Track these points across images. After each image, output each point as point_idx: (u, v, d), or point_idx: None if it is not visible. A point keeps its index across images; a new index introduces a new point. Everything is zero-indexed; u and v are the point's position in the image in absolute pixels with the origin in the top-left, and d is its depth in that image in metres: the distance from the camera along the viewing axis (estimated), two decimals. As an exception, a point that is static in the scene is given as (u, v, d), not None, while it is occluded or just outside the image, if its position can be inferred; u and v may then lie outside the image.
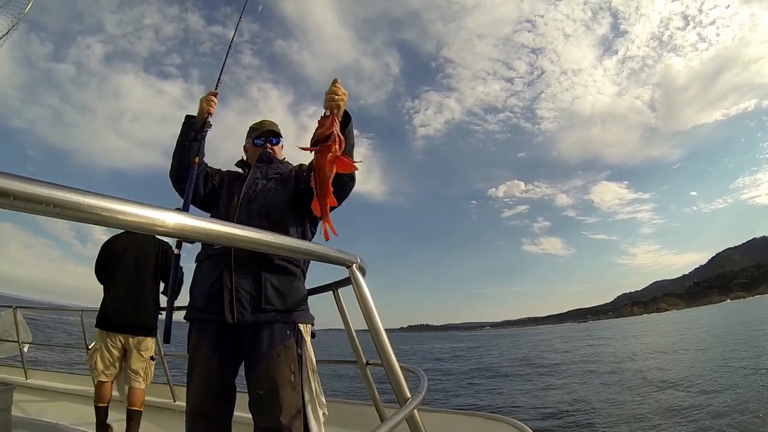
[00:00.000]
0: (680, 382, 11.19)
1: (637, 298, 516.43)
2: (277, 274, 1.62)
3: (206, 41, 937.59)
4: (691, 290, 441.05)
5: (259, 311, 1.57)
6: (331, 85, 1.48)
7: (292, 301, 1.61)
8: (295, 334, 1.58)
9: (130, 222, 0.63)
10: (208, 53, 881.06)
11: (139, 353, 3.23)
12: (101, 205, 0.60)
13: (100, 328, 3.22)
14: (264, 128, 2.00)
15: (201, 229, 0.66)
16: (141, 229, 0.64)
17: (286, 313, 1.59)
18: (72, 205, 0.57)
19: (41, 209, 0.55)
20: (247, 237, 0.71)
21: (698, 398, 9.17)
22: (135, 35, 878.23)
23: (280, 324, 1.57)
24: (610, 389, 11.49)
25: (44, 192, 0.54)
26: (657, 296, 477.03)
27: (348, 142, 1.50)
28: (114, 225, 0.62)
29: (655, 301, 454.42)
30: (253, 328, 1.56)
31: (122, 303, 3.22)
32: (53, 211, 0.56)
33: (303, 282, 1.71)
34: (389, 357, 1.19)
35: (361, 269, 1.19)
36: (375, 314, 1.18)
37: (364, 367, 1.73)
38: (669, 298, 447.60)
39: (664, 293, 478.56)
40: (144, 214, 0.64)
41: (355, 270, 1.16)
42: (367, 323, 1.18)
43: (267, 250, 0.77)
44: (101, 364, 3.16)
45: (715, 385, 10.29)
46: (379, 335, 1.18)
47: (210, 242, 1.15)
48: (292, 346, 1.55)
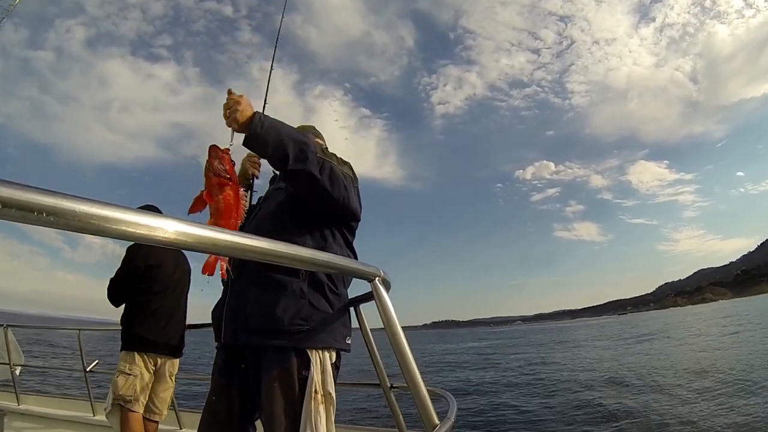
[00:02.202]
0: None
1: (681, 288, 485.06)
2: (261, 289, 1.39)
3: (199, 18, 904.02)
4: (738, 279, 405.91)
5: (247, 332, 1.38)
6: None
7: (289, 321, 1.35)
8: (300, 361, 1.34)
9: (130, 232, 0.57)
10: (202, 31, 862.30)
11: (171, 378, 2.91)
12: (99, 214, 0.55)
13: (138, 351, 2.77)
14: None
15: (204, 239, 0.60)
16: (141, 240, 0.59)
17: (283, 335, 1.35)
18: (66, 213, 0.52)
19: (32, 218, 0.50)
20: (253, 246, 0.64)
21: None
22: (119, 16, 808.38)
23: (275, 349, 1.35)
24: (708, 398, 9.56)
25: (34, 198, 0.50)
26: (702, 285, 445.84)
27: (266, 148, 1.34)
28: (113, 235, 0.57)
29: (699, 291, 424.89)
30: (252, 351, 1.41)
31: (168, 324, 2.87)
32: (45, 220, 0.51)
33: (312, 298, 1.40)
34: (415, 380, 1.09)
35: (385, 283, 1.10)
36: (400, 333, 1.09)
37: (389, 390, 1.62)
38: (715, 287, 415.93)
39: (710, 282, 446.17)
40: (146, 222, 0.59)
41: (378, 284, 1.08)
42: (392, 343, 1.10)
43: (277, 261, 0.70)
44: (140, 392, 2.72)
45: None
46: (405, 356, 1.09)
47: (212, 253, 1.09)
48: (289, 374, 1.32)
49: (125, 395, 2.67)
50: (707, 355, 17.34)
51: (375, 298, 1.08)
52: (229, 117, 1.32)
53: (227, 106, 1.33)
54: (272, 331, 1.35)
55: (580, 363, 19.20)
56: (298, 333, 1.35)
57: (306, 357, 1.35)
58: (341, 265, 1.00)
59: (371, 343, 1.56)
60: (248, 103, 1.35)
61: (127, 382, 2.69)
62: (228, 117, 1.32)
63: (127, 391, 2.68)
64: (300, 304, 1.37)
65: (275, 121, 1.38)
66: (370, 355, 1.58)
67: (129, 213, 0.57)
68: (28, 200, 0.49)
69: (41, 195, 0.50)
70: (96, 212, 0.54)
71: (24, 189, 0.49)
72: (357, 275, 1.05)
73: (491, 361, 23.78)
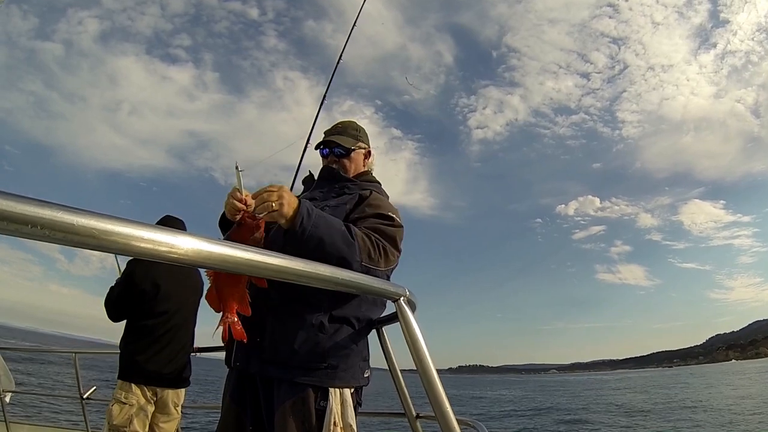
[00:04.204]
0: None
1: (733, 341, 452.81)
2: (278, 319, 1.28)
3: (222, 19, 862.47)
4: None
5: (261, 362, 1.28)
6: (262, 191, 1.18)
7: (305, 356, 1.25)
8: (317, 392, 1.25)
9: (133, 247, 0.52)
10: (225, 33, 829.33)
11: (176, 409, 2.69)
12: (100, 227, 0.50)
13: (136, 383, 2.54)
14: (325, 136, 1.63)
15: (214, 255, 0.54)
16: (145, 256, 0.53)
17: (298, 370, 1.25)
18: (63, 226, 0.47)
19: (26, 232, 0.46)
20: (266, 263, 0.58)
21: None
22: (136, 10, 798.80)
23: (290, 383, 1.26)
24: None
25: (29, 211, 0.45)
26: (757, 338, 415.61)
27: (309, 247, 1.17)
28: (114, 251, 0.52)
29: (754, 345, 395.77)
30: (265, 380, 1.32)
31: (171, 351, 2.65)
32: (40, 234, 0.46)
33: (331, 333, 1.29)
34: (444, 408, 1.00)
35: (411, 303, 1.03)
36: (427, 357, 1.01)
37: (414, 420, 1.51)
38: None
39: (766, 335, 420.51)
40: (151, 237, 0.53)
41: (403, 304, 1.00)
42: (418, 368, 1.01)
43: (295, 280, 0.64)
44: (138, 423, 2.51)
45: None
46: (432, 382, 1.00)
47: (223, 270, 1.03)
48: (305, 405, 1.24)
49: (120, 426, 2.47)
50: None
51: (400, 320, 1.00)
52: (274, 210, 1.15)
53: (269, 198, 1.16)
54: (287, 365, 1.26)
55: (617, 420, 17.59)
56: (316, 370, 1.26)
57: (324, 390, 1.26)
58: (363, 283, 0.93)
59: (395, 369, 1.46)
60: (290, 192, 1.20)
61: (122, 411, 2.49)
62: (272, 210, 1.15)
63: (123, 422, 2.47)
64: (318, 338, 1.27)
65: (320, 215, 1.23)
66: (393, 381, 1.48)
67: (132, 227, 0.52)
68: (22, 212, 0.45)
69: (37, 206, 0.46)
70: (96, 226, 0.49)
71: (17, 200, 0.45)
72: (380, 294, 0.98)
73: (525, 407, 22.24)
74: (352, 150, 1.61)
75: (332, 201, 1.48)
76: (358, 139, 1.64)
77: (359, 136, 1.66)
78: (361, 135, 1.67)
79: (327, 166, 1.61)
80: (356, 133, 1.66)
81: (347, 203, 1.46)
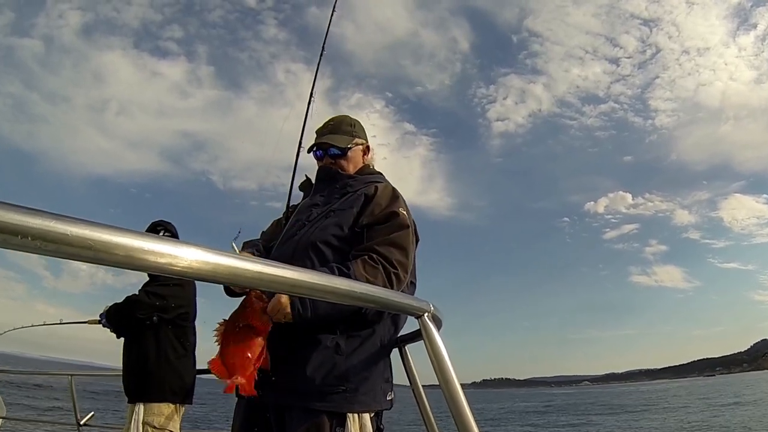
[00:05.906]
0: None
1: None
2: (290, 342, 1.20)
3: (216, 7, 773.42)
4: None
5: (272, 389, 1.19)
6: None
7: (321, 381, 1.17)
8: (333, 419, 1.17)
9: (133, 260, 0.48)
10: (220, 23, 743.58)
11: None
12: (96, 238, 0.45)
13: (173, 402, 2.35)
14: (318, 136, 1.52)
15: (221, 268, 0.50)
16: (150, 269, 0.49)
17: (314, 396, 1.17)
18: (56, 237, 0.43)
19: (16, 243, 0.42)
20: (279, 277, 0.53)
21: None
22: (122, 1, 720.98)
23: (303, 411, 1.18)
24: None
25: (18, 220, 0.41)
26: None
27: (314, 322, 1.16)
28: (112, 264, 0.48)
29: None
30: (277, 408, 1.24)
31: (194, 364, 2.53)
32: (31, 245, 0.42)
33: (350, 354, 1.21)
34: None
35: (436, 320, 0.95)
36: (453, 378, 0.93)
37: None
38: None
39: None
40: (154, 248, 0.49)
41: (428, 321, 0.93)
42: (443, 389, 0.93)
43: (309, 294, 0.59)
44: None
45: None
46: (459, 404, 0.92)
47: (231, 284, 0.98)
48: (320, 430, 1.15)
49: None
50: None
51: (424, 338, 0.93)
52: (276, 318, 1.14)
53: (273, 312, 1.14)
54: (301, 391, 1.17)
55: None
56: (333, 395, 1.17)
57: (341, 416, 1.17)
58: (383, 298, 0.87)
59: (419, 390, 1.38)
60: (285, 299, 1.14)
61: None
62: (275, 319, 1.14)
63: None
64: (335, 360, 1.19)
65: (315, 304, 1.16)
66: (417, 403, 1.39)
67: (133, 237, 0.47)
68: (10, 221, 0.41)
69: (26, 215, 0.41)
70: (92, 236, 0.45)
71: (5, 208, 0.40)
72: (402, 310, 0.92)
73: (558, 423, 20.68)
74: (348, 149, 1.48)
75: (336, 204, 1.39)
76: (354, 136, 1.50)
77: (355, 132, 1.52)
78: (357, 130, 1.53)
79: (323, 167, 1.50)
80: (351, 129, 1.52)
81: (354, 206, 1.35)
